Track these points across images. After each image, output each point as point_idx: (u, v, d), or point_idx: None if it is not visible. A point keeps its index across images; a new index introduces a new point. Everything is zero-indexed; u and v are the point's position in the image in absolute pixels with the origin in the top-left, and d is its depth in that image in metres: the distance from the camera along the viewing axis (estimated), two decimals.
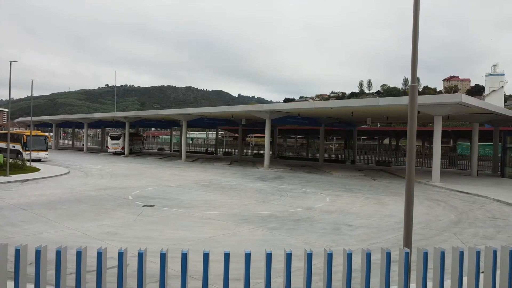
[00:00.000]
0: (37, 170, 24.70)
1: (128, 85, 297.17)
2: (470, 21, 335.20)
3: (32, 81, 26.35)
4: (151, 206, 13.98)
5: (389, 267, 5.35)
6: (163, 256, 4.74)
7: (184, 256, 4.76)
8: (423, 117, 27.14)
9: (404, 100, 23.08)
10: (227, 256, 4.77)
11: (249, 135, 69.01)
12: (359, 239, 10.07)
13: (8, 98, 25.95)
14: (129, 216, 12.17)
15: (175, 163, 34.99)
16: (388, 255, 5.28)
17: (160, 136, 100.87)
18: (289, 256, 4.88)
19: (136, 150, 50.38)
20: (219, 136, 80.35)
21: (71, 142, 76.01)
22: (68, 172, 24.48)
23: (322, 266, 5.06)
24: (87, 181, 20.72)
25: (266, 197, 16.80)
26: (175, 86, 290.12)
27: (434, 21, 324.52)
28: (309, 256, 5.02)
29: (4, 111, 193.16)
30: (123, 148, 44.62)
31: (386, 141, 56.80)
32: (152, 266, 6.55)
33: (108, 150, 45.71)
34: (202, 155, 49.42)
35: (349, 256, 5.18)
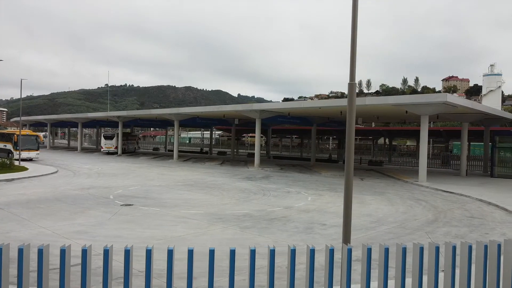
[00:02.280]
0: (25, 169, 24.73)
1: (127, 85, 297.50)
2: (470, 20, 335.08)
3: (21, 80, 26.35)
4: (129, 205, 13.99)
5: (350, 263, 5.38)
6: (127, 253, 4.72)
7: (149, 253, 4.75)
8: (411, 116, 27.12)
9: (390, 99, 23.12)
10: (190, 253, 4.78)
11: (244, 134, 69.03)
12: (329, 238, 10.07)
13: (6, 98, 26.53)
14: (104, 215, 12.18)
15: (167, 163, 34.99)
16: (349, 251, 5.31)
17: (158, 136, 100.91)
18: (253, 252, 4.91)
19: (130, 150, 50.40)
20: (217, 136, 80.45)
21: (73, 142, 75.96)
22: (56, 172, 24.50)
23: (290, 264, 5.10)
24: (73, 181, 20.73)
25: (248, 196, 16.81)
26: (174, 86, 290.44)
27: (434, 21, 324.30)
28: (272, 252, 5.06)
29: (4, 110, 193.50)
30: (116, 147, 44.63)
31: (381, 140, 56.79)
32: (115, 264, 6.53)
33: (102, 149, 45.73)
34: (196, 155, 49.42)
35: (312, 252, 5.21)
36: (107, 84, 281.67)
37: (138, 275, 6.68)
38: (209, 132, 69.44)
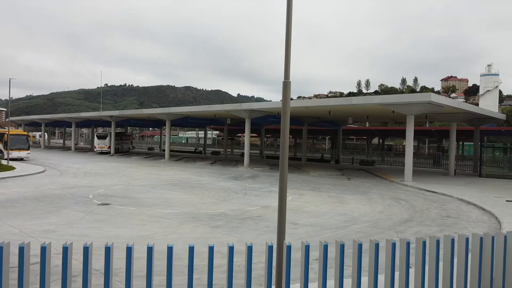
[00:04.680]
0: (12, 168, 24.76)
1: (127, 84, 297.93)
2: (469, 20, 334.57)
3: (10, 80, 26.41)
4: (106, 204, 14.01)
5: (308, 260, 5.39)
6: (86, 251, 4.69)
7: (108, 250, 4.73)
8: (404, 116, 27.05)
9: (376, 99, 23.13)
10: (149, 250, 4.76)
11: (239, 134, 69.12)
12: (297, 237, 10.05)
13: (6, 98, 26.92)
14: (78, 214, 12.20)
15: (157, 163, 35.02)
16: (307, 247, 5.32)
17: (156, 136, 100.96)
18: (211, 249, 4.92)
19: (124, 150, 50.43)
20: (214, 136, 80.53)
21: (68, 142, 76.02)
22: (43, 171, 24.52)
23: (247, 261, 5.12)
24: (58, 180, 20.75)
25: (229, 195, 16.82)
26: (174, 86, 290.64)
27: (433, 21, 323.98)
28: (231, 249, 5.07)
29: (3, 110, 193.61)
30: (109, 147, 44.66)
31: (376, 140, 56.82)
32: (75, 263, 6.49)
33: (95, 149, 45.78)
34: (190, 155, 49.46)
35: (270, 248, 5.22)
36: (106, 84, 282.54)
37: (96, 274, 6.67)
38: (207, 132, 69.60)
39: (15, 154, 31.64)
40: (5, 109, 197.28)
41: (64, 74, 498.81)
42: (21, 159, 32.32)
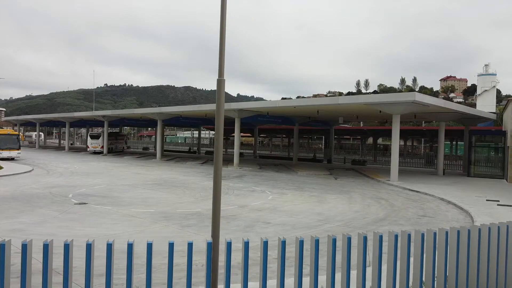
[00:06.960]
0: (0, 168, 24.77)
1: (127, 84, 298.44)
2: (468, 20, 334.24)
3: None
4: (83, 204, 14.01)
5: (266, 258, 5.37)
6: (46, 248, 4.63)
7: (67, 247, 4.67)
8: (387, 116, 27.08)
9: (361, 99, 23.12)
10: (109, 247, 4.72)
11: (233, 134, 69.18)
12: (264, 236, 10.03)
13: (6, 98, 27.00)
14: (51, 214, 12.20)
15: (148, 162, 35.01)
16: (265, 243, 5.29)
17: (153, 136, 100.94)
18: (171, 246, 4.90)
19: (118, 150, 50.43)
20: (211, 136, 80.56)
21: (65, 142, 76.08)
22: (30, 171, 24.54)
23: (207, 257, 5.10)
24: (42, 179, 20.76)
25: (209, 195, 16.78)
26: (174, 86, 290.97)
27: (434, 21, 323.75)
28: (190, 246, 5.05)
29: (2, 110, 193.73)
30: (103, 147, 44.66)
31: (371, 140, 56.76)
32: (35, 262, 6.43)
33: (88, 149, 45.77)
34: (183, 154, 49.46)
35: (229, 245, 5.21)
36: (106, 84, 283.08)
37: (55, 273, 6.64)
38: (206, 132, 69.59)
39: (5, 153, 31.72)
40: (4, 109, 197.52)
41: (63, 74, 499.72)
42: (11, 159, 32.37)
